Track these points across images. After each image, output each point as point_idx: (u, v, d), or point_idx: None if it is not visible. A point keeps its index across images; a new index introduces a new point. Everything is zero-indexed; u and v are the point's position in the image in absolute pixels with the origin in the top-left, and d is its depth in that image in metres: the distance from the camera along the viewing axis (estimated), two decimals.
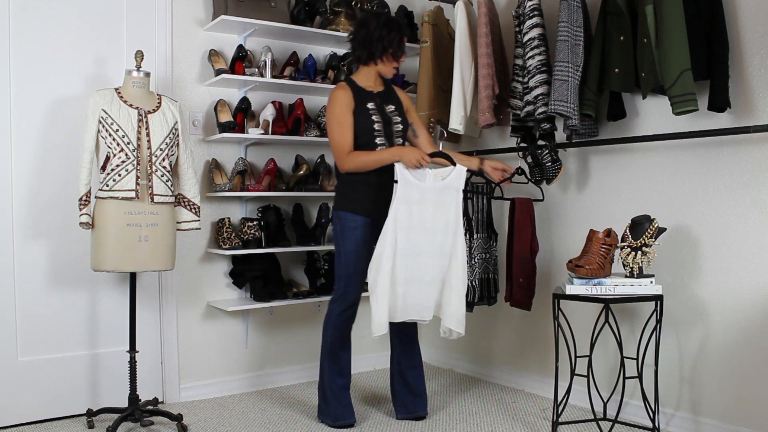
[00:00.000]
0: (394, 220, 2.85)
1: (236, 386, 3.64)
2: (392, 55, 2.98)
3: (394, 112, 3.06)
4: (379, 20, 2.95)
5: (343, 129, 2.92)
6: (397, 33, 2.95)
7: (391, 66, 3.01)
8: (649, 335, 2.86)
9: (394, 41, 2.95)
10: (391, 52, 2.96)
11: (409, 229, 2.87)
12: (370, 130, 2.96)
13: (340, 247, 3.00)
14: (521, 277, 3.32)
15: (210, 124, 3.57)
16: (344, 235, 2.97)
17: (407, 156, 2.85)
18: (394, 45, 2.95)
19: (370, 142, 2.96)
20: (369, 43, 2.95)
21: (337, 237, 3.01)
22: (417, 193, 2.87)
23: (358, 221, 2.96)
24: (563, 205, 3.44)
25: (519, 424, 3.08)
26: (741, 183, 2.74)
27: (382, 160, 2.89)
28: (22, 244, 3.11)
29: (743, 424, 2.72)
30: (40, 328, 3.14)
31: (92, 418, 3.04)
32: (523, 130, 3.38)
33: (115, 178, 2.81)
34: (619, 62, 2.90)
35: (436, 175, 2.89)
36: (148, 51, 3.36)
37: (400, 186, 2.86)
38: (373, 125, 2.96)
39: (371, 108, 2.99)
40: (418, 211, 2.87)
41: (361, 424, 3.11)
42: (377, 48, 2.95)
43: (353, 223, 2.96)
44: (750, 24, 2.69)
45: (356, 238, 2.96)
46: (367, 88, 3.02)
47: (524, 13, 3.22)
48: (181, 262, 3.43)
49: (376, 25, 2.94)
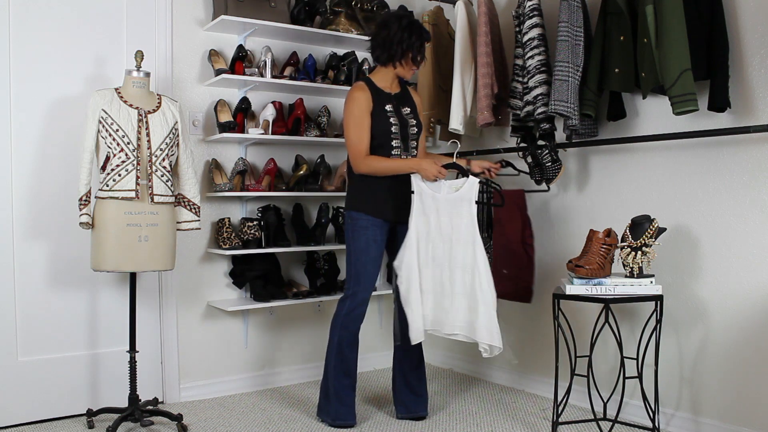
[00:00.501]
0: (416, 231, 2.92)
1: (236, 386, 3.64)
2: (412, 60, 2.97)
3: (409, 115, 3.06)
4: (401, 23, 2.93)
5: (361, 130, 2.92)
6: (418, 38, 2.93)
7: (410, 69, 3.01)
8: (649, 335, 2.86)
9: (415, 45, 2.93)
10: (411, 56, 2.95)
11: (428, 240, 2.93)
12: (387, 132, 2.96)
13: (351, 247, 3.00)
14: (504, 269, 3.31)
15: (210, 124, 3.57)
16: (355, 235, 2.98)
17: (425, 169, 2.89)
18: (414, 49, 2.94)
19: (386, 144, 2.96)
20: (389, 45, 2.94)
21: (348, 237, 3.02)
22: (433, 203, 2.92)
23: (369, 221, 2.96)
24: (563, 205, 3.44)
25: (519, 424, 3.08)
26: (741, 183, 2.74)
27: (399, 170, 2.92)
28: (22, 244, 3.11)
29: (743, 424, 2.72)
30: (40, 328, 3.14)
31: (92, 418, 3.04)
32: (523, 130, 3.38)
33: (115, 178, 2.81)
34: (619, 62, 2.90)
35: (450, 186, 2.91)
36: (148, 51, 3.36)
37: (416, 197, 2.92)
38: (391, 127, 2.96)
39: (389, 110, 2.99)
40: (435, 222, 2.92)
41: (362, 424, 3.11)
42: (397, 51, 2.94)
43: (365, 223, 2.96)
44: (750, 24, 2.69)
45: (367, 238, 2.96)
46: (385, 90, 3.02)
47: (524, 13, 3.22)
48: (181, 262, 3.43)
49: (398, 27, 2.92)
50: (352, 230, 2.99)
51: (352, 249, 2.99)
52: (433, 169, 2.88)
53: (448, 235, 2.90)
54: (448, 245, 2.90)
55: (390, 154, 2.97)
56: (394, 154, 2.98)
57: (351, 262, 3.00)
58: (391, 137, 2.97)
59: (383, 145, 2.96)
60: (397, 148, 2.98)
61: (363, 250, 2.97)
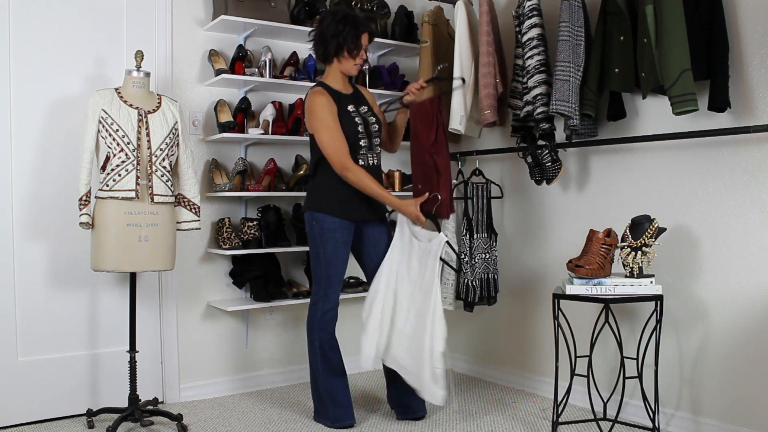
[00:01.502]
0: (390, 261, 3.03)
1: (236, 386, 3.64)
2: (348, 52, 2.93)
3: (368, 113, 3.06)
4: (336, 16, 2.92)
5: (336, 133, 2.89)
6: (352, 28, 2.90)
7: (352, 64, 2.97)
8: (649, 335, 2.86)
9: (349, 36, 2.89)
10: (347, 48, 2.92)
11: (398, 273, 3.02)
12: (355, 133, 2.95)
13: (319, 249, 2.98)
14: (419, 184, 3.21)
15: (210, 124, 3.57)
16: (324, 237, 2.96)
17: (408, 211, 2.98)
18: (348, 41, 2.90)
19: (354, 145, 2.95)
20: (324, 41, 2.92)
21: (314, 239, 2.99)
22: (410, 244, 3.03)
23: (336, 224, 2.95)
24: (563, 205, 3.44)
25: (519, 424, 3.08)
26: (741, 183, 2.74)
27: (384, 199, 2.95)
28: (22, 244, 3.11)
29: (743, 424, 2.72)
30: (40, 328, 3.14)
31: (92, 418, 3.04)
32: (523, 130, 3.38)
33: (115, 178, 2.81)
34: (619, 62, 2.90)
35: (425, 235, 3.01)
36: (148, 51, 3.36)
37: (398, 231, 3.06)
38: (357, 127, 2.96)
39: (351, 110, 2.99)
40: (407, 261, 3.02)
41: (361, 424, 3.11)
42: (332, 45, 2.91)
43: (332, 226, 2.95)
44: (750, 24, 2.69)
45: (336, 241, 2.96)
46: (341, 91, 3.01)
47: (524, 13, 3.22)
48: (181, 262, 3.43)
49: (332, 20, 2.90)
50: (319, 233, 2.97)
51: (321, 252, 2.97)
52: (414, 214, 2.97)
53: (414, 279, 2.99)
54: (411, 287, 2.99)
55: (358, 155, 2.96)
56: (361, 153, 2.97)
57: (320, 265, 2.99)
58: (358, 137, 2.96)
59: (352, 146, 2.94)
60: (363, 148, 2.98)
61: (333, 253, 2.97)
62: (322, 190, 3.00)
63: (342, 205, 2.96)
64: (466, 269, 3.45)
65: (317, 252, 2.99)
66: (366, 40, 2.97)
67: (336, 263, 2.98)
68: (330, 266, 2.98)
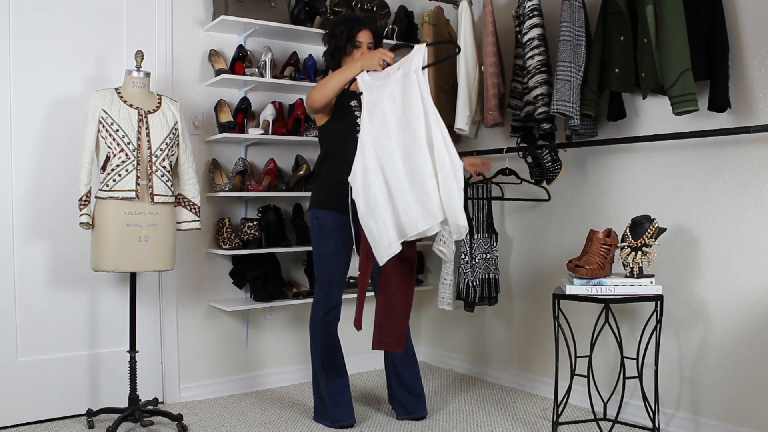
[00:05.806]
0: (370, 127, 2.66)
1: (236, 386, 3.64)
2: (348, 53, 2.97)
3: None
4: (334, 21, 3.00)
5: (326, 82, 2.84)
6: (346, 28, 2.95)
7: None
8: (649, 335, 2.86)
9: (343, 36, 2.95)
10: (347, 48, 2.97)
11: (389, 132, 2.64)
12: (352, 126, 2.96)
13: (320, 248, 2.98)
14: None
15: (210, 124, 3.57)
16: (324, 236, 2.96)
17: (368, 61, 2.76)
18: (343, 41, 2.96)
19: (351, 137, 2.89)
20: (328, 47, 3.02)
21: (316, 238, 2.99)
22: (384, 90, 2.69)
23: (335, 222, 2.94)
24: (563, 205, 3.44)
25: (519, 424, 3.08)
26: (741, 183, 2.74)
27: (345, 77, 2.80)
28: (22, 244, 3.11)
29: (743, 424, 2.72)
30: (40, 328, 3.14)
31: (92, 418, 3.04)
32: (523, 131, 3.38)
33: (115, 178, 2.81)
34: (619, 62, 2.90)
35: (396, 68, 2.70)
36: (148, 51, 3.36)
37: (365, 95, 2.73)
38: (356, 120, 2.97)
39: (353, 105, 3.01)
40: (391, 109, 2.66)
41: (361, 424, 3.11)
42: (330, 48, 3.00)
43: (331, 225, 2.95)
44: (750, 24, 2.69)
45: (336, 240, 2.96)
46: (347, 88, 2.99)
47: (524, 13, 3.22)
48: (181, 262, 3.43)
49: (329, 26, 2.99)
50: (319, 232, 2.97)
51: (322, 252, 2.98)
52: (376, 55, 2.73)
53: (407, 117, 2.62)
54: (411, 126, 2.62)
55: (355, 148, 2.78)
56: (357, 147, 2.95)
57: (321, 265, 2.99)
58: (356, 131, 2.91)
59: (350, 138, 2.90)
60: None
61: (333, 253, 2.97)
62: (324, 187, 3.01)
63: (340, 197, 2.90)
64: (467, 269, 3.45)
65: (318, 251, 3.00)
66: (366, 37, 2.98)
67: (336, 263, 2.98)
68: (330, 266, 2.98)
